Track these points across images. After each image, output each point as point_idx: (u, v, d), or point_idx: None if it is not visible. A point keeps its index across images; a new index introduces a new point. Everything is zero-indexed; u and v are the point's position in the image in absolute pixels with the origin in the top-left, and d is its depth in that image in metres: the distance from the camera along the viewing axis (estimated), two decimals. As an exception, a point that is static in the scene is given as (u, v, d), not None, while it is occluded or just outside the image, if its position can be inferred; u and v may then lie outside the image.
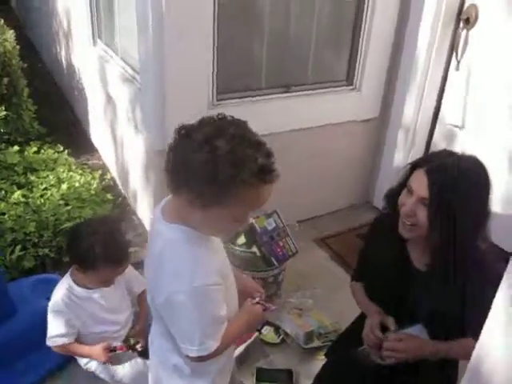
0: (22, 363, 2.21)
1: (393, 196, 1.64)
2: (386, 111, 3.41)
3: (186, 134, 1.16)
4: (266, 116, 2.87)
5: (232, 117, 1.20)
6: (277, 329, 2.55)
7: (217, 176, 1.09)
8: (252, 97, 2.84)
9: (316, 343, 2.48)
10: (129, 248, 2.04)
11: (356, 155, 3.50)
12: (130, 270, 2.10)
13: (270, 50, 2.87)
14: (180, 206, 1.21)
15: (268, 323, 2.58)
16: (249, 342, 2.37)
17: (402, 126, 3.34)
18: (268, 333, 2.54)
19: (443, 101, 3.22)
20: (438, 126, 3.31)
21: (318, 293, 2.79)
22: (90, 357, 2.08)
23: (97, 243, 1.86)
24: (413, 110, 3.23)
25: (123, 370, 2.09)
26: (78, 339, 2.08)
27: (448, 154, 1.56)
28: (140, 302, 2.22)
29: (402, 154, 3.40)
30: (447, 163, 1.48)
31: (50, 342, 2.04)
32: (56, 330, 2.01)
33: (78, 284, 2.04)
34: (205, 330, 1.29)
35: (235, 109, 2.75)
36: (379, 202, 3.58)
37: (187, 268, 1.22)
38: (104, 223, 2.06)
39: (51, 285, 2.24)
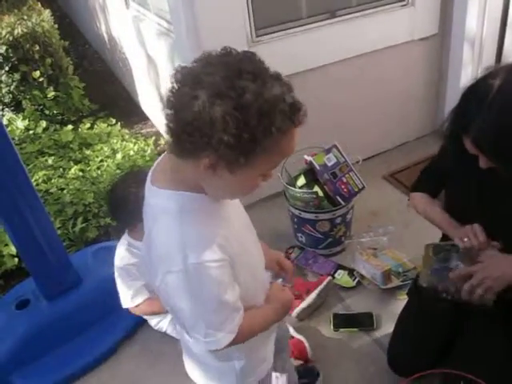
0: (92, 331, 2.20)
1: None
2: (446, 25, 3.05)
3: (192, 80, 0.89)
4: (314, 47, 2.65)
5: (233, 49, 0.94)
6: (351, 271, 2.39)
7: (248, 129, 0.86)
8: (294, 27, 2.60)
9: (395, 282, 2.30)
10: None
11: (417, 80, 3.19)
12: None
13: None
14: (182, 169, 0.98)
15: (341, 267, 2.42)
16: (320, 288, 2.22)
17: (466, 39, 2.98)
18: (342, 277, 2.38)
19: None
20: (508, 34, 2.94)
21: (392, 230, 2.57)
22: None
23: (132, 192, 1.80)
24: (476, 18, 2.87)
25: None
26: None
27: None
28: None
29: (469, 71, 3.06)
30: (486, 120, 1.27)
31: (130, 303, 2.01)
32: (131, 289, 1.99)
33: (136, 239, 2.00)
34: (209, 318, 1.05)
35: (278, 43, 2.55)
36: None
37: (178, 242, 0.98)
38: (137, 175, 1.94)
39: (114, 251, 2.20)
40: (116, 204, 1.95)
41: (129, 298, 2.00)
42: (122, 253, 2.01)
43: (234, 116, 0.85)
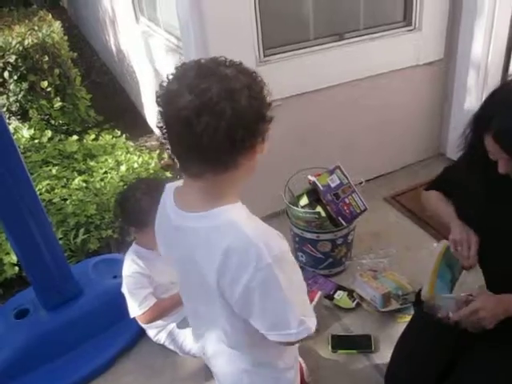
0: (90, 343, 2.19)
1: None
2: (452, 50, 3.09)
3: (198, 95, 0.94)
4: (321, 68, 2.68)
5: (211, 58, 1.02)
6: (350, 293, 2.39)
7: (253, 123, 0.98)
8: (303, 48, 2.63)
9: (394, 305, 2.29)
10: None
11: (422, 103, 3.22)
12: None
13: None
14: (218, 185, 1.05)
15: (341, 288, 2.42)
16: (312, 305, 2.19)
17: (472, 64, 3.02)
18: (342, 298, 2.38)
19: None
20: (513, 58, 2.98)
21: (393, 252, 2.58)
22: (176, 305, 1.99)
23: (143, 197, 1.84)
24: (482, 44, 2.91)
25: (191, 341, 2.01)
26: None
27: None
28: None
29: (473, 96, 3.08)
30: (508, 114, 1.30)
31: (138, 311, 1.99)
32: (139, 297, 1.98)
33: (142, 246, 2.03)
34: (302, 303, 1.12)
35: (286, 63, 2.58)
36: (453, 152, 3.27)
37: (259, 241, 1.03)
38: (148, 182, 2.03)
39: (114, 264, 2.22)
40: (127, 205, 1.95)
41: (136, 306, 1.99)
42: (129, 261, 2.02)
43: (240, 116, 0.96)
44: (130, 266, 2.01)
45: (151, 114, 4.22)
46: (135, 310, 1.99)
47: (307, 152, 2.80)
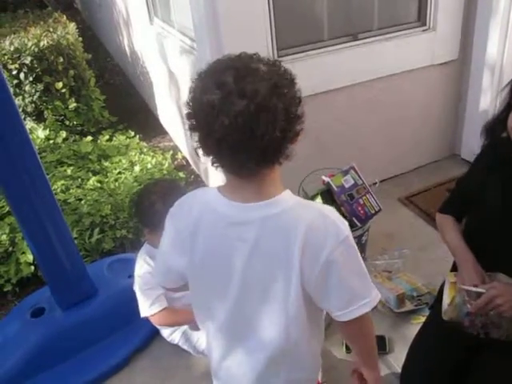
0: (105, 343, 2.21)
1: (495, 124, 1.41)
2: (467, 51, 3.07)
3: (238, 86, 0.94)
4: (334, 69, 2.68)
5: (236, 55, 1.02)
6: (365, 293, 2.38)
7: (297, 111, 1.02)
8: (316, 49, 2.63)
9: (409, 307, 2.29)
10: None
11: (437, 104, 3.21)
12: None
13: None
14: (268, 178, 1.08)
15: (355, 288, 2.42)
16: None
17: (486, 65, 3.00)
18: (356, 298, 2.37)
19: (533, 28, 2.85)
20: (529, 59, 2.95)
21: (407, 253, 2.57)
22: (187, 321, 2.02)
23: (158, 200, 1.86)
24: (497, 45, 2.89)
25: (205, 340, 2.01)
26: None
27: None
28: None
29: (488, 97, 3.07)
30: None
31: (148, 312, 2.00)
32: (149, 298, 1.99)
33: (154, 246, 2.01)
34: (368, 275, 1.16)
35: (299, 63, 2.58)
36: (468, 153, 3.29)
37: (333, 218, 1.09)
38: (163, 185, 2.04)
39: (129, 264, 2.23)
40: (142, 207, 1.97)
41: (147, 306, 2.00)
42: (141, 262, 2.03)
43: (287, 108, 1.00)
44: (142, 266, 2.02)
45: (164, 114, 4.24)
46: (145, 310, 2.01)
47: (321, 152, 2.79)
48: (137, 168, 3.44)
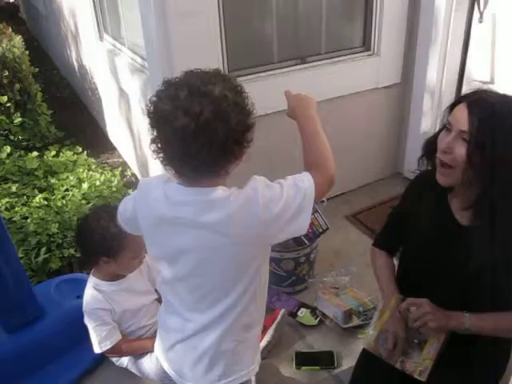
0: (55, 365, 2.15)
1: (432, 143, 1.50)
2: (408, 75, 3.24)
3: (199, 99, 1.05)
4: (283, 90, 2.74)
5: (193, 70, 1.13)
6: (313, 310, 2.44)
7: (242, 135, 1.11)
8: (267, 71, 2.70)
9: (356, 322, 2.35)
10: None
11: (381, 125, 3.35)
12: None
13: (280, 22, 2.73)
14: (206, 185, 1.15)
15: (303, 305, 2.47)
16: (276, 323, 2.24)
17: (427, 88, 3.17)
18: (304, 315, 2.43)
19: (468, 57, 3.03)
20: (465, 85, 3.12)
21: (354, 270, 2.65)
22: (144, 350, 2.01)
23: (110, 224, 1.78)
24: (436, 70, 3.06)
25: (150, 364, 2.00)
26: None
27: (491, 92, 1.42)
28: None
29: (429, 119, 3.23)
30: (491, 97, 1.36)
31: (98, 349, 1.97)
32: (99, 335, 1.95)
33: (102, 279, 1.99)
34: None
35: (250, 85, 2.55)
36: (409, 172, 3.42)
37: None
38: (105, 209, 1.93)
39: (78, 284, 2.19)
40: (84, 236, 1.92)
41: (97, 343, 1.96)
42: (88, 296, 1.97)
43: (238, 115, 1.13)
44: (89, 301, 1.96)
45: (114, 130, 4.20)
46: (97, 347, 1.97)
47: (273, 173, 2.83)
48: (85, 185, 3.38)
